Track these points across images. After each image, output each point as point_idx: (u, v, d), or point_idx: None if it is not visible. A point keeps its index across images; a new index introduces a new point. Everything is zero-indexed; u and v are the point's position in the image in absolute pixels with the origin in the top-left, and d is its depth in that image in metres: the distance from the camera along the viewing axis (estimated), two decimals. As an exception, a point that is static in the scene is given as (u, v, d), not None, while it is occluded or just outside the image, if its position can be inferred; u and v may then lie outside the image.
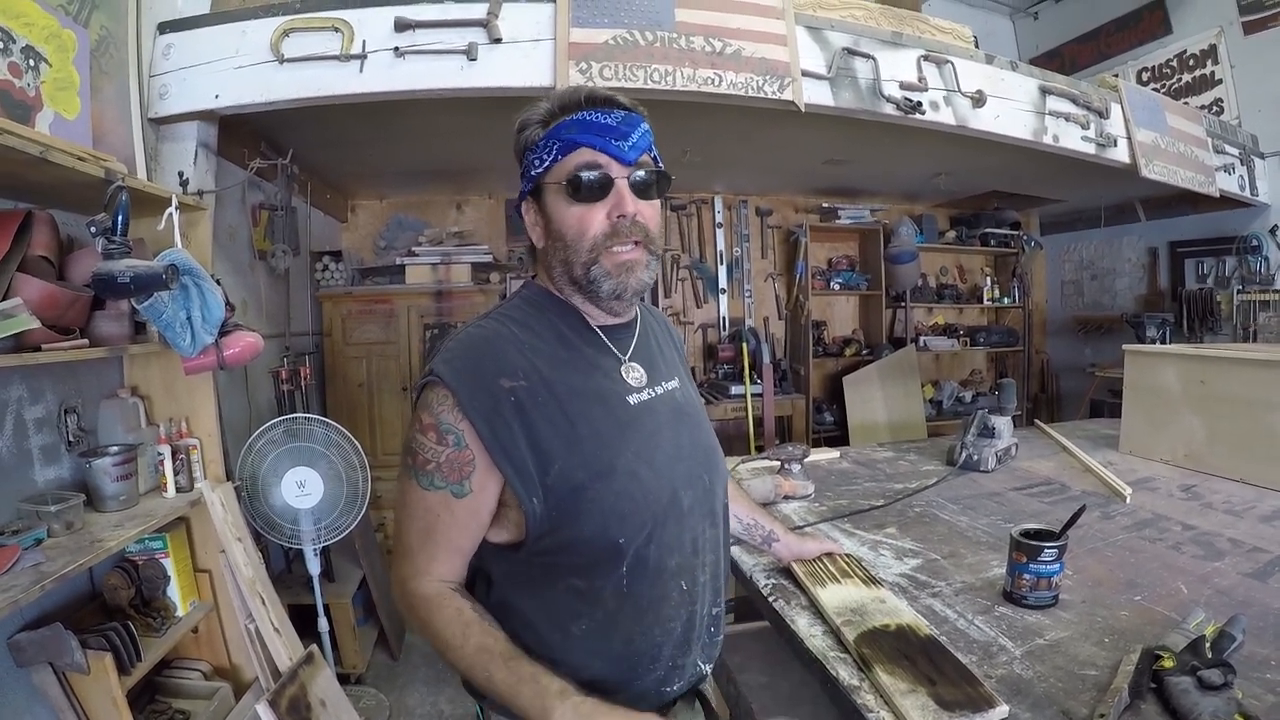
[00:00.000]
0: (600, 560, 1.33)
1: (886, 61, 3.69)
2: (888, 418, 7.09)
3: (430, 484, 1.31)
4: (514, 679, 1.22)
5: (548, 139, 1.39)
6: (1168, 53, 6.49)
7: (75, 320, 2.46)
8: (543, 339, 1.41)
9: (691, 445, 1.50)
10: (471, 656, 1.26)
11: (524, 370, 1.33)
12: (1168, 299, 6.82)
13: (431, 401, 1.32)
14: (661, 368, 1.57)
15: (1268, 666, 1.51)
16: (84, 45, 2.63)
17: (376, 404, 5.64)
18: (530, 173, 1.43)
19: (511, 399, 1.30)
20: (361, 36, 3.08)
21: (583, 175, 1.35)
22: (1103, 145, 4.41)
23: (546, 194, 1.42)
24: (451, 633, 1.28)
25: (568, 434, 1.32)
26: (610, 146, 1.36)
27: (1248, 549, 2.23)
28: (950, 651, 1.54)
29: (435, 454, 1.30)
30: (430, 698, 4.19)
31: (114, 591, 2.84)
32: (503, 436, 1.29)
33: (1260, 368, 2.97)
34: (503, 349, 1.35)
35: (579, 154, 1.36)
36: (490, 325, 1.41)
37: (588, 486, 1.31)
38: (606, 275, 1.38)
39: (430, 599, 1.32)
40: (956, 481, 3.07)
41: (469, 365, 1.33)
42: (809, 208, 7.64)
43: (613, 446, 1.36)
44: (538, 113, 1.43)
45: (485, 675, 1.25)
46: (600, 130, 1.36)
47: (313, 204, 5.45)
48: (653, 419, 1.45)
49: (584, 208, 1.37)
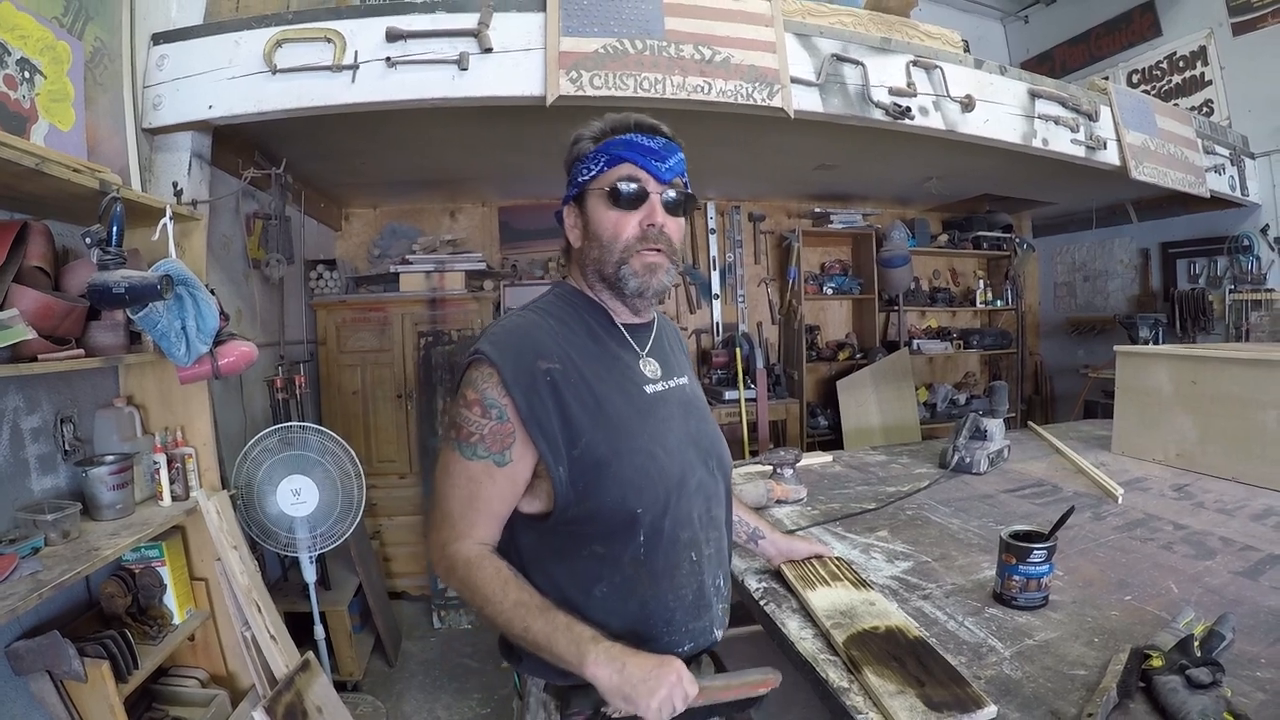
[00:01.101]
0: (619, 529, 1.49)
1: (875, 67, 3.71)
2: (882, 421, 7.10)
3: (474, 454, 1.46)
4: (550, 628, 1.34)
5: (597, 152, 1.58)
6: (1157, 54, 6.53)
7: (71, 330, 2.47)
8: (574, 331, 1.58)
9: (698, 434, 1.67)
10: (510, 610, 1.38)
11: (558, 355, 1.50)
12: (1160, 299, 6.84)
13: (476, 378, 1.48)
14: (673, 365, 1.75)
15: (1257, 664, 1.52)
16: (78, 57, 2.63)
17: (371, 412, 5.64)
18: (577, 179, 1.62)
19: (548, 379, 1.46)
20: (353, 47, 3.10)
21: (622, 186, 1.55)
22: (1092, 148, 4.43)
23: (589, 198, 1.60)
24: (491, 589, 1.40)
25: (594, 413, 1.48)
26: (650, 165, 1.56)
27: (1239, 547, 2.24)
28: (939, 653, 1.55)
29: (479, 426, 1.46)
30: (427, 704, 4.19)
31: (111, 600, 2.84)
32: (538, 411, 1.45)
33: (1251, 367, 2.99)
34: (540, 336, 1.53)
35: (622, 167, 1.56)
36: (529, 316, 1.59)
37: (610, 461, 1.46)
38: (634, 274, 1.57)
39: (471, 559, 1.45)
40: (948, 484, 3.09)
41: (512, 346, 1.49)
42: (801, 213, 7.64)
43: (632, 428, 1.52)
44: (590, 130, 1.62)
45: (523, 626, 1.36)
46: (643, 151, 1.56)
47: (306, 213, 5.45)
48: (665, 408, 1.62)
49: (620, 213, 1.56)
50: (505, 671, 1.68)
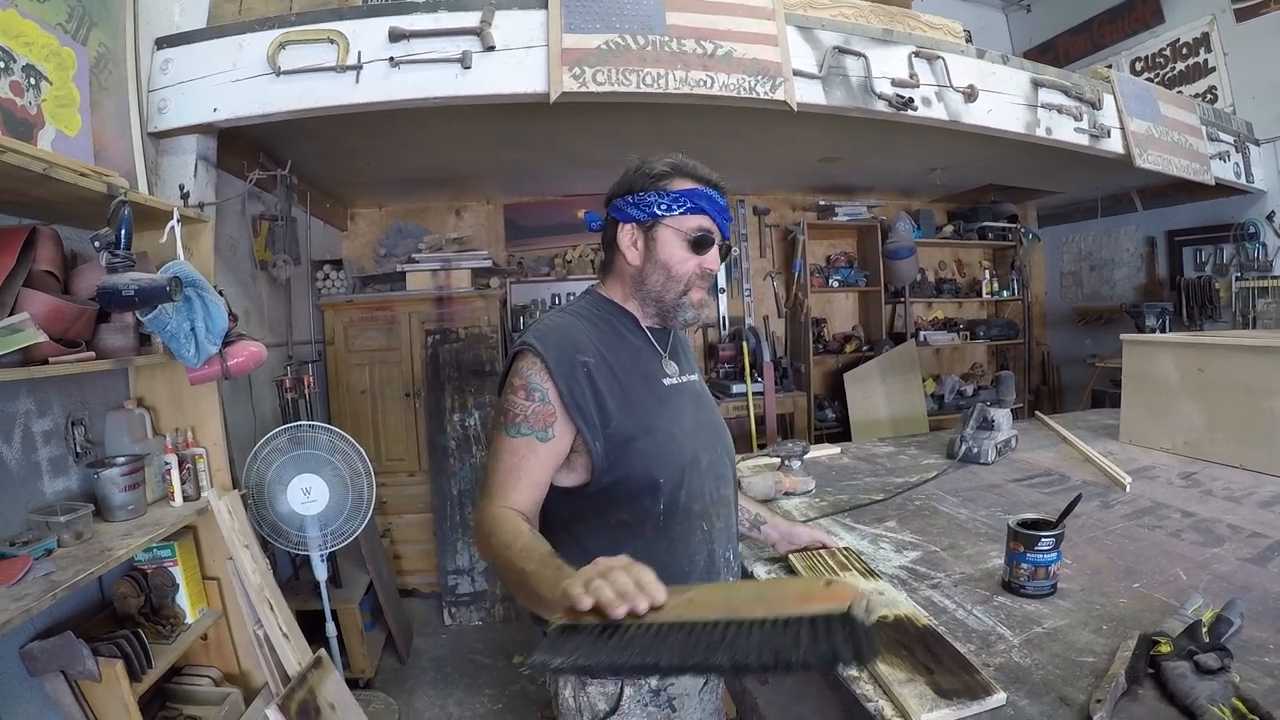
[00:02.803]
0: (643, 495, 1.70)
1: (878, 59, 3.71)
2: (889, 413, 7.09)
3: (517, 432, 1.64)
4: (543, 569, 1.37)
5: (681, 195, 1.77)
6: (1160, 42, 6.49)
7: (81, 333, 2.49)
8: (605, 332, 1.80)
9: (708, 422, 1.92)
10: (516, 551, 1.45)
11: (593, 350, 1.72)
12: (1166, 288, 6.81)
13: (523, 367, 1.68)
14: (685, 365, 1.96)
15: (1266, 650, 1.52)
16: (83, 63, 2.65)
17: (380, 410, 5.67)
18: (653, 209, 1.78)
19: (585, 370, 1.68)
20: (357, 47, 3.11)
21: (705, 235, 1.79)
22: (1096, 136, 4.42)
23: (662, 231, 1.79)
24: (507, 537, 1.50)
25: (622, 400, 1.70)
26: (720, 222, 1.82)
27: (1247, 534, 2.24)
28: (948, 641, 1.56)
29: (524, 408, 1.64)
30: (439, 701, 4.21)
31: (124, 600, 2.87)
32: (578, 396, 1.65)
33: (1258, 354, 2.98)
34: (577, 334, 1.74)
35: (702, 218, 1.79)
36: (567, 317, 1.81)
37: (637, 438, 1.69)
38: (691, 306, 1.83)
39: (498, 515, 1.58)
40: (956, 474, 3.09)
41: (555, 341, 1.70)
42: (806, 205, 7.63)
43: (654, 412, 1.75)
44: (660, 164, 1.80)
45: (520, 568, 1.41)
46: (719, 209, 1.81)
47: (312, 213, 5.48)
48: (680, 397, 1.85)
49: (690, 255, 1.79)
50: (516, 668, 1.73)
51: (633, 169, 1.84)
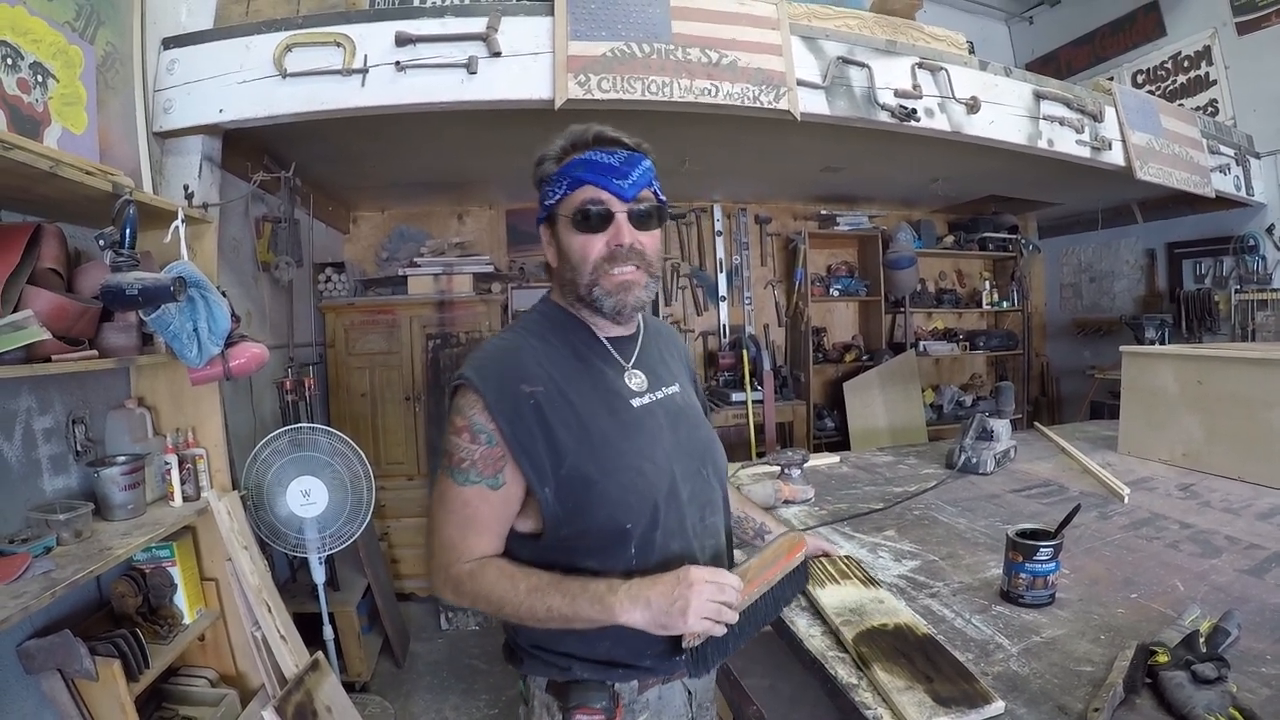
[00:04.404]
0: (611, 544, 1.50)
1: (881, 70, 3.73)
2: (888, 422, 7.10)
3: (466, 479, 1.48)
4: (568, 598, 1.38)
5: (560, 175, 1.57)
6: (1162, 54, 6.52)
7: (84, 332, 2.49)
8: (558, 350, 1.59)
9: (689, 441, 1.68)
10: (527, 598, 1.41)
11: (541, 377, 1.51)
12: (1166, 300, 6.82)
13: (464, 405, 1.50)
14: (663, 374, 1.74)
15: (1263, 660, 1.53)
16: (90, 61, 2.66)
17: (380, 414, 5.67)
18: (545, 203, 1.61)
19: (531, 402, 1.47)
20: (363, 51, 3.11)
21: (588, 209, 1.54)
22: (1097, 149, 4.43)
23: (558, 222, 1.60)
24: (503, 587, 1.43)
25: (579, 434, 1.49)
26: (611, 185, 1.53)
27: (1245, 546, 2.25)
28: (947, 649, 1.56)
29: (470, 452, 1.47)
30: (435, 705, 4.21)
31: (122, 599, 2.87)
32: (522, 435, 1.46)
33: (1257, 366, 2.99)
34: (523, 358, 1.54)
35: (584, 190, 1.54)
36: (511, 338, 1.63)
37: (596, 480, 1.47)
38: (607, 294, 1.56)
39: (473, 571, 1.47)
40: (955, 484, 3.10)
41: (495, 371, 1.51)
42: (807, 215, 7.65)
43: (619, 446, 1.53)
44: (553, 149, 1.60)
45: (544, 607, 1.39)
46: (604, 170, 1.53)
47: (315, 216, 5.49)
48: (653, 420, 1.62)
49: (587, 236, 1.55)
50: (512, 672, 1.70)
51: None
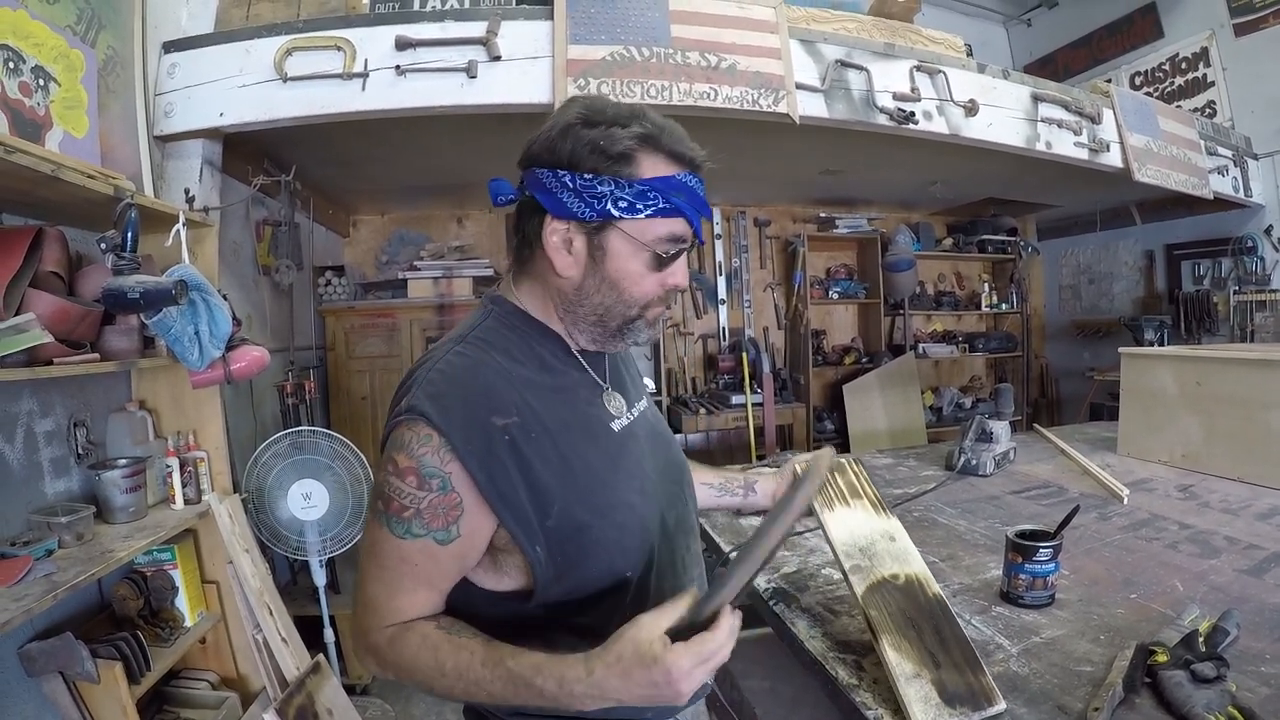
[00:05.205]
0: (607, 594, 1.28)
1: (879, 73, 3.74)
2: (888, 425, 7.11)
3: (407, 532, 1.18)
4: (514, 687, 1.12)
5: (651, 190, 1.25)
6: (1160, 56, 6.54)
7: (86, 335, 2.50)
8: (526, 366, 1.30)
9: (668, 464, 1.51)
10: (454, 681, 1.15)
11: (516, 405, 1.22)
12: (1165, 301, 6.85)
13: (410, 441, 1.17)
14: (631, 390, 1.53)
15: (1262, 660, 1.52)
16: (91, 65, 2.67)
17: (380, 417, 5.60)
18: (604, 206, 1.24)
19: (505, 438, 1.18)
20: (364, 55, 3.12)
21: (676, 248, 1.30)
22: (1095, 150, 4.45)
23: (615, 238, 1.27)
24: (424, 665, 1.17)
25: (562, 472, 1.24)
26: (698, 224, 1.33)
27: (1244, 546, 2.25)
28: (956, 621, 1.53)
29: (415, 500, 1.16)
30: (435, 708, 4.20)
31: (123, 602, 2.87)
32: (500, 482, 1.17)
33: (1256, 367, 2.99)
34: (491, 381, 1.23)
35: (676, 223, 1.29)
36: (472, 353, 1.27)
37: (591, 525, 1.25)
38: (647, 326, 1.36)
39: (391, 639, 1.20)
40: (955, 486, 3.09)
41: (458, 401, 1.19)
42: (806, 218, 7.69)
43: (608, 480, 1.31)
44: (630, 134, 1.24)
45: (484, 693, 1.14)
46: (700, 205, 1.31)
47: (315, 220, 5.50)
48: (636, 445, 1.42)
49: (653, 273, 1.30)
50: None
51: (576, 125, 1.26)
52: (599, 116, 1.25)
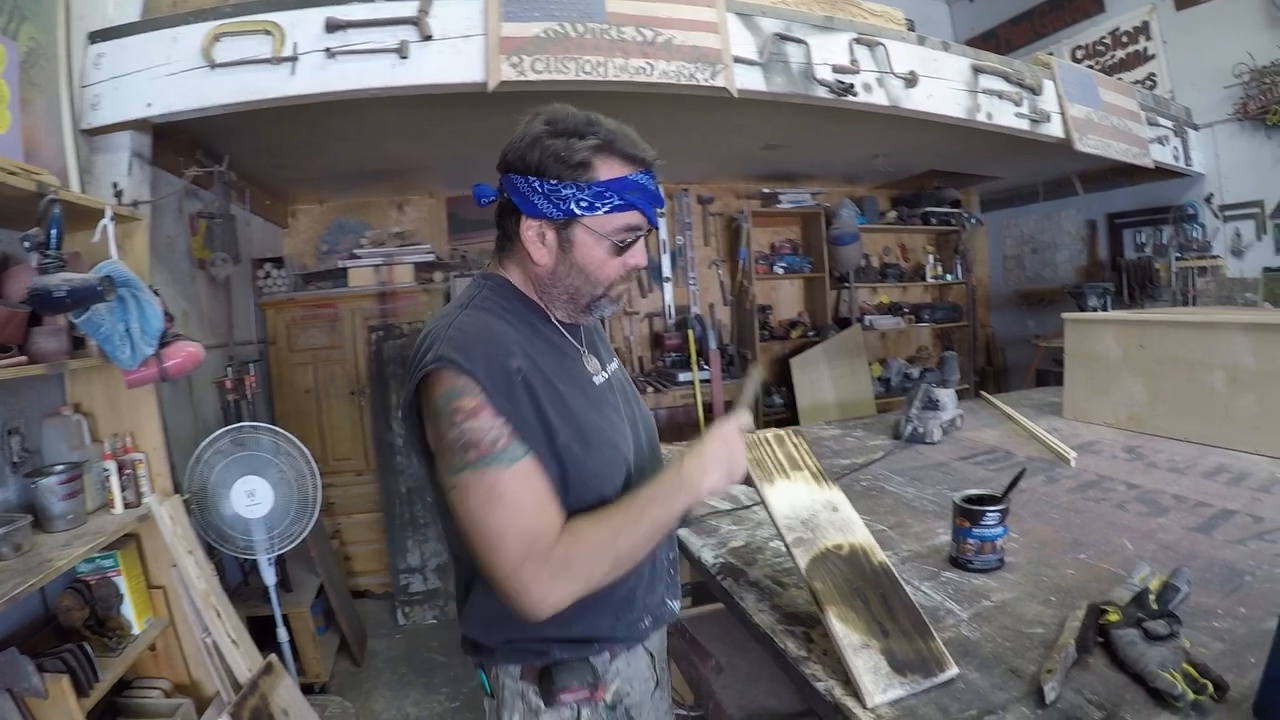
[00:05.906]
0: None
1: (818, 45, 3.74)
2: (836, 397, 7.14)
3: (514, 456, 1.32)
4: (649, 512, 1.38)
5: (607, 190, 1.44)
6: (1101, 30, 6.62)
7: (13, 337, 2.43)
8: (520, 329, 1.49)
9: (639, 416, 1.71)
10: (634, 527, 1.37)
11: (521, 352, 1.40)
12: (1108, 269, 6.96)
13: (459, 388, 1.32)
14: (603, 353, 1.75)
15: (1214, 615, 1.54)
16: (13, 58, 2.58)
17: (325, 410, 5.61)
18: (568, 206, 1.44)
19: (520, 378, 1.37)
20: (293, 38, 3.06)
21: (631, 236, 1.51)
22: (1036, 121, 4.49)
23: (579, 231, 1.48)
24: (603, 539, 1.36)
25: (562, 410, 1.42)
26: (652, 215, 1.52)
27: (1191, 504, 2.28)
28: (902, 587, 1.53)
29: (502, 427, 1.32)
30: (396, 702, 4.18)
31: (67, 613, 2.80)
32: (523, 412, 1.36)
33: (1198, 329, 3.03)
34: (502, 332, 1.43)
35: (631, 215, 1.48)
36: (479, 316, 1.46)
37: (583, 457, 1.42)
38: (611, 303, 1.57)
39: (574, 536, 1.35)
40: (903, 454, 3.11)
41: (480, 349, 1.36)
42: (750, 194, 7.68)
43: (593, 421, 1.49)
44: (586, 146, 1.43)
45: (649, 522, 1.38)
46: (652, 199, 1.51)
47: (252, 210, 5.40)
48: (613, 396, 1.64)
49: (614, 258, 1.51)
50: (472, 664, 1.64)
51: (542, 137, 1.45)
52: (561, 127, 1.45)
